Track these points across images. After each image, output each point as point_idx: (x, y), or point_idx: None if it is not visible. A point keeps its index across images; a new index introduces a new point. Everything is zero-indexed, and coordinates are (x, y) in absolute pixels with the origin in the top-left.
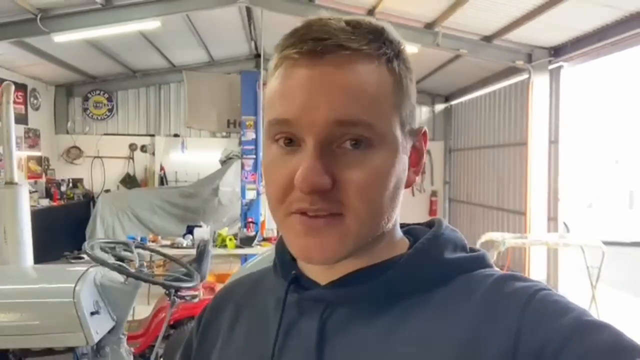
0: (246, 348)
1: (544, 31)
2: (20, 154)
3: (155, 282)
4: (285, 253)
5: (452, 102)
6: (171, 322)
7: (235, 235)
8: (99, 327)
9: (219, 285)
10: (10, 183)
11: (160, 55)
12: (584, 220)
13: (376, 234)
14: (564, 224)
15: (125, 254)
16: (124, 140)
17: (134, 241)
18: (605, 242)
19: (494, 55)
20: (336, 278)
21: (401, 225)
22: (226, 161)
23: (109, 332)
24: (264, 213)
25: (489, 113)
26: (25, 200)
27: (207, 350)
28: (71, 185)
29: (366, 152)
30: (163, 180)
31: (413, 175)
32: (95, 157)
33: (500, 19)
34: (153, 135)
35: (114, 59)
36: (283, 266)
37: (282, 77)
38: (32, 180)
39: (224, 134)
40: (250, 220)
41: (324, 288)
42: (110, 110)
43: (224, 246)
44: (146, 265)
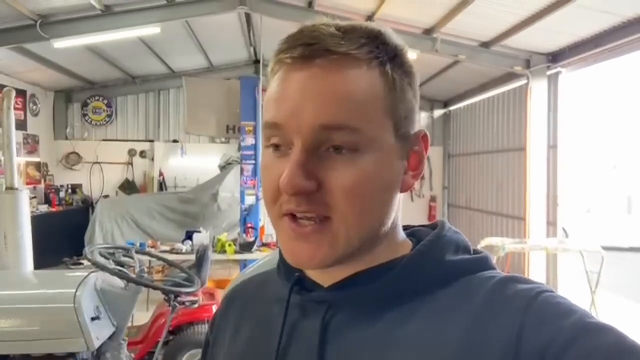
0: (250, 348)
1: (542, 37)
2: (19, 160)
3: (156, 288)
4: None
5: (451, 108)
6: (171, 328)
7: (235, 240)
8: (99, 333)
9: (218, 291)
10: (11, 188)
11: (160, 61)
12: (582, 226)
13: (368, 238)
14: (563, 229)
15: (125, 259)
16: (123, 145)
17: (134, 247)
18: (604, 247)
19: (492, 61)
20: (339, 280)
21: (405, 227)
22: (225, 166)
23: (110, 337)
24: (263, 218)
25: (487, 118)
26: (25, 205)
27: (218, 350)
28: (70, 190)
29: (353, 155)
30: (162, 186)
31: (411, 179)
32: (94, 163)
33: (499, 25)
34: (152, 140)
35: (113, 64)
36: (286, 268)
37: (277, 81)
38: (31, 186)
39: (223, 139)
40: (249, 225)
41: (326, 290)
42: (110, 115)
43: (223, 251)
44: (145, 270)
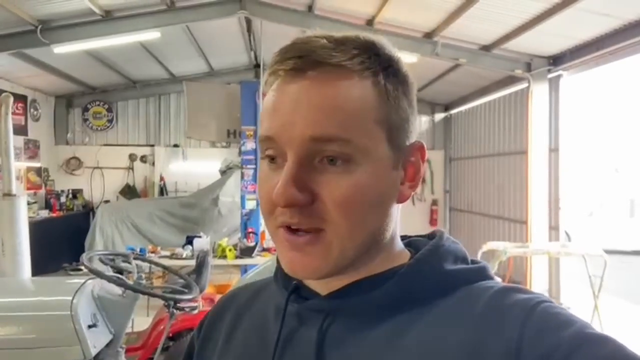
0: (244, 356)
1: (542, 40)
2: (20, 165)
3: (154, 295)
4: None
5: (452, 111)
6: (170, 334)
7: (235, 245)
8: (96, 341)
9: (218, 297)
10: (8, 194)
11: (160, 65)
12: (584, 229)
13: (364, 249)
14: (566, 232)
15: (123, 265)
16: (123, 150)
17: (133, 252)
18: (607, 251)
19: (493, 65)
20: (336, 289)
21: (403, 237)
22: (226, 171)
23: (107, 345)
24: (264, 223)
25: (488, 122)
26: (23, 211)
27: (207, 356)
28: (71, 196)
29: (346, 167)
30: (163, 191)
31: (408, 190)
32: (94, 168)
33: (499, 28)
34: (153, 145)
35: (113, 69)
36: (284, 276)
37: (271, 93)
38: (32, 191)
39: (224, 144)
40: (250, 230)
41: (323, 298)
42: (110, 120)
43: (224, 257)
44: (145, 277)
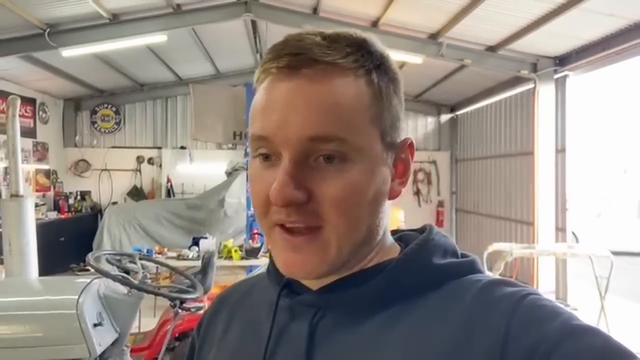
0: (238, 351)
1: (548, 40)
2: (28, 167)
3: (159, 294)
4: None
5: (458, 112)
6: (176, 334)
7: (241, 246)
8: (102, 339)
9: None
10: (16, 195)
11: (167, 68)
12: (592, 230)
13: (359, 247)
14: (573, 233)
15: (130, 265)
16: (131, 152)
17: (140, 253)
18: (614, 252)
19: (499, 65)
20: (327, 283)
21: (394, 232)
22: (232, 173)
23: (112, 344)
24: (258, 222)
25: (495, 123)
26: (30, 212)
27: (205, 354)
28: (79, 197)
29: (342, 166)
30: (170, 192)
31: (399, 186)
32: (102, 170)
33: (505, 28)
34: (160, 147)
35: (121, 72)
36: (276, 272)
37: (262, 92)
38: (41, 193)
39: (230, 145)
40: (255, 231)
41: (314, 293)
42: (118, 123)
43: (230, 257)
44: (151, 277)
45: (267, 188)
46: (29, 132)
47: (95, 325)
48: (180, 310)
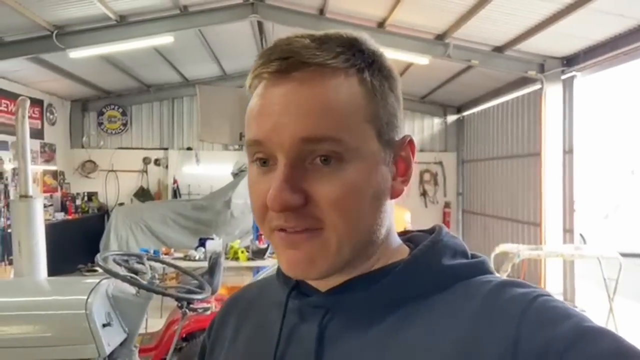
0: (248, 353)
1: (556, 41)
2: (36, 168)
3: (167, 294)
4: None
5: (465, 113)
6: (184, 335)
7: (247, 247)
8: (110, 339)
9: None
10: (25, 196)
11: (174, 69)
12: (600, 232)
13: (361, 246)
14: (581, 235)
15: (138, 266)
16: (137, 154)
17: (147, 254)
18: (622, 254)
19: (505, 66)
20: (336, 285)
21: (403, 233)
22: (238, 174)
23: (121, 344)
24: (259, 227)
25: (501, 124)
26: (39, 213)
27: (216, 356)
28: (86, 198)
29: (338, 166)
30: (176, 193)
31: (401, 185)
32: (109, 171)
33: (512, 29)
34: (166, 148)
35: (128, 74)
36: (285, 273)
37: (255, 97)
38: (48, 194)
39: (236, 146)
40: (262, 232)
41: (323, 294)
42: (125, 124)
43: (236, 258)
44: (158, 278)
45: (264, 193)
46: (36, 134)
47: (104, 325)
48: (187, 311)
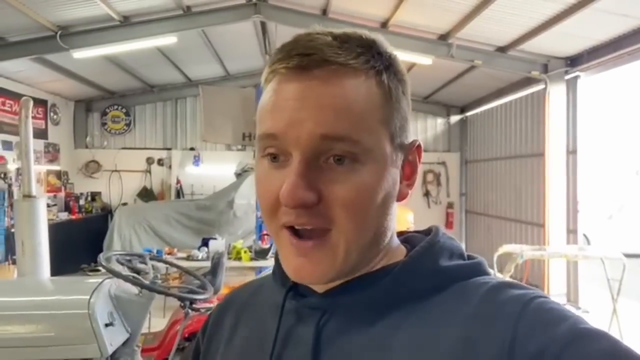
0: (245, 354)
1: (559, 41)
2: (40, 168)
3: (169, 294)
4: None
5: (468, 113)
6: (186, 335)
7: (250, 247)
8: (113, 339)
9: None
10: (28, 196)
11: (177, 70)
12: (604, 232)
13: (367, 250)
14: (584, 235)
15: (141, 266)
16: (141, 154)
17: (150, 253)
18: (626, 255)
19: (509, 66)
20: (333, 286)
21: (400, 233)
22: (241, 174)
23: (123, 344)
24: (265, 224)
25: (505, 124)
26: (42, 213)
27: (212, 356)
28: (89, 198)
29: (352, 167)
30: (179, 193)
31: (406, 188)
32: (113, 171)
33: (515, 29)
34: (169, 148)
35: (131, 74)
36: (281, 274)
37: (271, 91)
38: (52, 194)
39: (239, 147)
40: (265, 232)
41: (320, 296)
42: (128, 124)
43: (239, 259)
44: (161, 278)
45: (275, 189)
46: (40, 134)
47: (107, 325)
48: (190, 311)
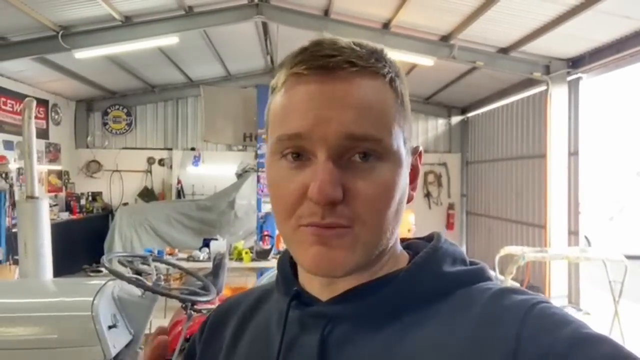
0: None
1: (561, 42)
2: (41, 168)
3: (173, 296)
4: (287, 269)
5: (469, 114)
6: (188, 336)
7: (251, 248)
8: (116, 341)
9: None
10: (31, 197)
11: (178, 70)
12: (605, 234)
13: (381, 248)
14: (586, 237)
15: (143, 267)
16: (142, 154)
17: (151, 254)
18: (628, 256)
19: (511, 67)
20: (337, 294)
21: (402, 240)
22: (242, 174)
23: (126, 345)
24: (278, 226)
25: (506, 125)
26: (45, 214)
27: None
28: (90, 198)
29: (375, 165)
30: (180, 194)
31: (411, 192)
32: (114, 171)
33: (517, 30)
34: (170, 149)
35: (132, 74)
36: (285, 282)
37: (291, 93)
38: (53, 194)
39: (240, 147)
40: (266, 233)
41: (324, 304)
42: (129, 124)
43: (240, 259)
44: (162, 279)
45: (297, 188)
46: (41, 133)
47: (110, 327)
48: (193, 313)
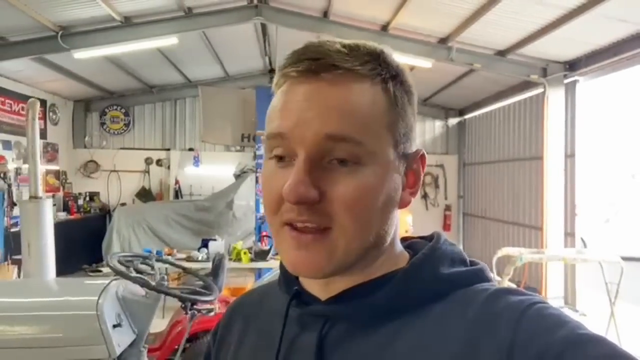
0: (253, 359)
1: (558, 45)
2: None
3: (178, 296)
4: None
5: (466, 116)
6: (187, 336)
7: (250, 249)
8: (120, 340)
9: (233, 299)
10: (35, 197)
11: (177, 70)
12: (601, 236)
13: (366, 251)
14: (582, 239)
15: (143, 267)
16: (139, 154)
17: (153, 255)
18: (623, 258)
19: (508, 70)
20: (335, 294)
21: (404, 239)
22: (240, 175)
23: (130, 344)
24: (267, 223)
25: (503, 127)
26: (48, 214)
27: (222, 359)
28: (88, 198)
29: (355, 168)
30: (178, 194)
31: (409, 196)
32: (111, 171)
33: (515, 33)
34: (168, 149)
35: (131, 74)
36: (286, 282)
37: (281, 93)
38: (50, 194)
39: (238, 148)
40: (264, 234)
41: (323, 303)
42: (127, 125)
43: (239, 260)
44: (166, 279)
45: (279, 187)
46: (39, 133)
47: (115, 326)
48: (195, 312)
